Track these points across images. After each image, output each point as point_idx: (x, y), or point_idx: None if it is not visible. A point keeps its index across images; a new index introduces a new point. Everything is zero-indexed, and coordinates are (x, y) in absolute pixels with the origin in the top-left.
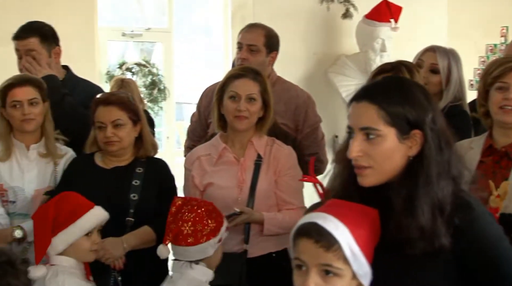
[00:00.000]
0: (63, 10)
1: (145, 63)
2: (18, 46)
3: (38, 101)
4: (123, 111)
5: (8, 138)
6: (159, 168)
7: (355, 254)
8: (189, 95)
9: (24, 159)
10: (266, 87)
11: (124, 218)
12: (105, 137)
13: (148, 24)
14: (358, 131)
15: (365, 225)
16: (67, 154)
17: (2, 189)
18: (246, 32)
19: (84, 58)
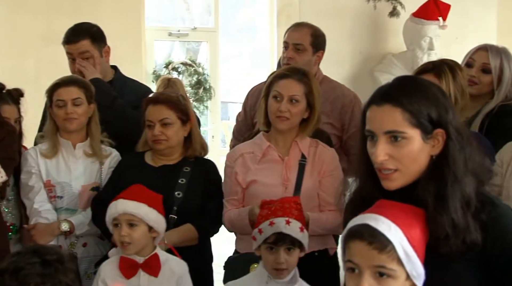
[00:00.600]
0: (111, 11)
1: (191, 63)
2: (70, 50)
3: (82, 102)
4: (171, 111)
5: (54, 137)
6: (207, 168)
7: (409, 254)
8: (234, 94)
9: (70, 156)
10: (312, 89)
11: (168, 214)
12: (153, 135)
13: (195, 23)
14: (382, 135)
15: (417, 225)
16: (112, 154)
17: (49, 185)
18: (292, 31)
19: (131, 58)
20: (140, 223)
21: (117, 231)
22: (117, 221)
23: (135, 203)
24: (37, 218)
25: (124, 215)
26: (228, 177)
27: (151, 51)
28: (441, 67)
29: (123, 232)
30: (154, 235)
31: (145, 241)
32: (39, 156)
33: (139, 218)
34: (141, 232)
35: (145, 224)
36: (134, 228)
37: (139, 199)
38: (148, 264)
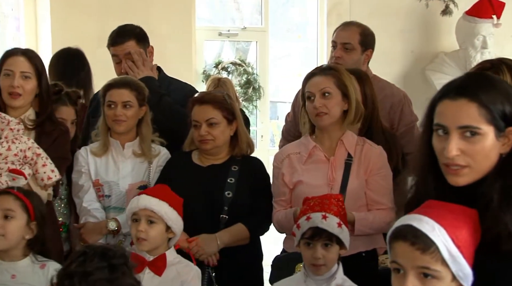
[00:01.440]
0: (162, 11)
1: (240, 63)
2: (116, 52)
3: (132, 105)
4: (217, 110)
5: (105, 136)
6: (254, 166)
7: (454, 255)
8: (283, 94)
9: (119, 155)
10: (342, 79)
11: (219, 215)
12: (200, 135)
13: (244, 23)
14: (455, 130)
15: (464, 225)
16: (160, 153)
17: (98, 184)
18: (340, 31)
19: (181, 58)
20: (159, 221)
21: (135, 226)
22: (136, 216)
23: (157, 200)
24: (87, 216)
25: (145, 211)
26: (275, 178)
27: (201, 51)
28: (500, 67)
29: (141, 228)
30: (170, 235)
31: (160, 240)
32: (89, 155)
33: (159, 215)
34: (158, 230)
35: (164, 223)
36: (152, 225)
37: (162, 197)
38: (155, 263)
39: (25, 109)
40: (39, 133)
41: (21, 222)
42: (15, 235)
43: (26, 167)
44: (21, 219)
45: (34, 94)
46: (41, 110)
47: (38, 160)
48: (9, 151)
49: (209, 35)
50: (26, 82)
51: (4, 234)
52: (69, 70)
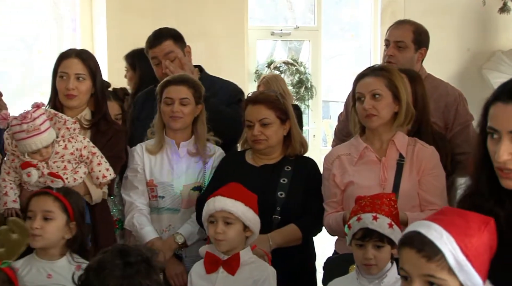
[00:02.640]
0: (215, 11)
1: (292, 62)
2: (154, 54)
3: (189, 102)
4: (270, 110)
5: (161, 134)
6: (308, 166)
7: (461, 264)
8: (336, 93)
9: (174, 155)
10: (393, 80)
11: (271, 215)
12: (253, 135)
13: (297, 22)
14: (507, 134)
15: (476, 234)
16: (216, 153)
17: (152, 184)
18: (394, 29)
19: (233, 57)
20: (236, 221)
21: (213, 227)
22: (213, 218)
23: (233, 201)
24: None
25: (221, 212)
26: (326, 179)
27: (253, 50)
28: None
29: (219, 229)
30: (248, 234)
31: (238, 240)
32: (144, 153)
33: (236, 216)
34: (236, 230)
35: (241, 223)
36: (229, 226)
37: (237, 197)
38: (229, 262)
39: (81, 109)
40: (95, 133)
41: (60, 222)
42: (54, 236)
43: (82, 166)
44: (60, 219)
45: (89, 94)
46: (96, 109)
47: (93, 158)
48: (65, 149)
49: (261, 35)
50: (80, 84)
51: (42, 235)
52: (142, 69)
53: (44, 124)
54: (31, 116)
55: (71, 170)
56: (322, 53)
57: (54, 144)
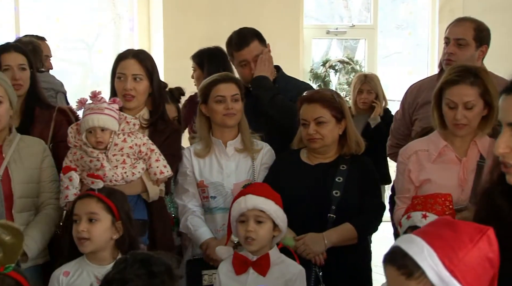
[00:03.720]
0: (270, 10)
1: (348, 61)
2: (243, 57)
3: (239, 99)
4: (326, 109)
5: (207, 136)
6: (363, 165)
7: (445, 280)
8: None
9: (222, 155)
10: (486, 87)
11: (326, 214)
12: (308, 134)
13: (353, 21)
14: (506, 127)
15: (466, 246)
16: (264, 148)
17: (203, 185)
18: (454, 26)
19: (289, 56)
20: (267, 220)
21: (243, 226)
22: (244, 217)
23: (264, 199)
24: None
25: (253, 211)
26: (400, 173)
27: (308, 49)
28: None
29: (250, 228)
30: (276, 233)
31: (268, 239)
32: (192, 156)
33: (267, 214)
34: (267, 229)
35: (271, 221)
36: (261, 224)
37: (268, 196)
38: (259, 263)
39: (140, 109)
40: (152, 132)
41: (106, 223)
42: (102, 238)
43: (140, 162)
44: (105, 220)
45: (147, 94)
46: (154, 109)
47: (151, 155)
48: (124, 142)
49: (316, 34)
50: (137, 84)
51: (90, 238)
52: (211, 68)
53: (108, 110)
54: (100, 98)
55: (130, 164)
56: (378, 52)
57: (113, 135)
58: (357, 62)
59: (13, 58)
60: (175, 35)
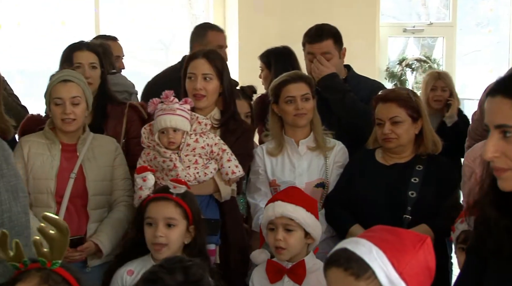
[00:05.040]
0: (345, 8)
1: (425, 59)
2: (312, 49)
3: (309, 97)
4: (401, 108)
5: (280, 135)
6: (441, 166)
7: (394, 282)
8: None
9: (294, 153)
10: None
11: (402, 214)
12: (383, 134)
13: (430, 19)
14: (494, 129)
15: (411, 251)
16: (337, 146)
17: (275, 184)
18: None
19: (364, 55)
20: (297, 228)
21: (272, 235)
22: (273, 225)
23: (293, 206)
24: (259, 214)
25: (282, 219)
26: (467, 177)
27: (385, 48)
28: None
29: (279, 236)
30: (309, 241)
31: (299, 248)
32: (265, 155)
33: (297, 222)
34: (297, 237)
35: (302, 229)
36: (290, 233)
37: (298, 202)
38: (294, 271)
39: (210, 109)
40: (224, 132)
41: (182, 228)
42: (178, 243)
43: (212, 162)
44: (182, 225)
45: (218, 94)
46: (225, 109)
47: (223, 155)
48: (196, 142)
49: (393, 32)
50: (207, 84)
51: (168, 243)
52: (278, 68)
53: (180, 111)
54: (172, 98)
55: (202, 164)
56: (456, 50)
57: (186, 135)
58: (434, 60)
59: (85, 56)
60: (249, 34)
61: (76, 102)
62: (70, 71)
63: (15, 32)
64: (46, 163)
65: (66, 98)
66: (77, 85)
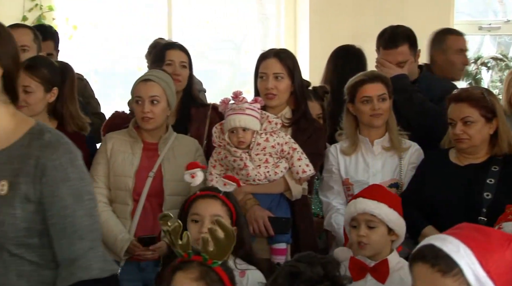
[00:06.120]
0: (418, 7)
1: (502, 57)
2: (387, 57)
3: (386, 98)
4: (474, 108)
5: (354, 134)
6: None
7: (481, 281)
8: None
9: (369, 153)
10: None
11: (476, 217)
12: (455, 134)
13: (508, 16)
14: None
15: (499, 250)
16: (412, 147)
17: (348, 183)
18: None
19: None
20: (380, 224)
21: (355, 231)
22: (355, 222)
23: (376, 203)
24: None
25: (364, 215)
26: None
27: None
28: None
29: (362, 233)
30: (393, 238)
31: (383, 244)
32: (338, 153)
33: (379, 218)
34: (380, 234)
35: (385, 226)
36: (373, 229)
37: (380, 199)
38: (377, 269)
39: (281, 108)
40: (295, 131)
41: None
42: None
43: (283, 161)
44: None
45: (289, 93)
46: (296, 108)
47: (294, 154)
48: (267, 142)
49: (468, 30)
50: (279, 83)
51: None
52: (347, 68)
53: (250, 110)
54: (242, 98)
55: (273, 164)
56: None
57: (256, 134)
58: (511, 59)
59: (177, 55)
60: (320, 34)
61: (155, 101)
62: (153, 71)
63: (91, 33)
64: (127, 161)
65: (145, 97)
66: (157, 85)
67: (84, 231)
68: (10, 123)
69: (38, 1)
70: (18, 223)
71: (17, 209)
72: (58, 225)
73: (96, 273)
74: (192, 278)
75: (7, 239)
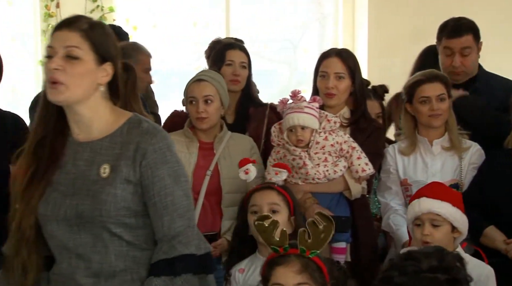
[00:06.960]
0: (479, 4)
1: None
2: (451, 44)
3: (445, 98)
4: None
5: (412, 134)
6: None
7: None
8: None
9: (428, 153)
10: None
11: None
12: None
13: None
14: None
15: None
16: (473, 148)
17: (406, 184)
18: None
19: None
20: (444, 223)
21: (419, 230)
22: (419, 221)
23: (439, 202)
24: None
25: (428, 214)
26: None
27: None
28: None
29: (426, 232)
30: (456, 235)
31: (446, 242)
32: (396, 154)
33: (444, 217)
34: (444, 232)
35: (449, 224)
36: (437, 228)
37: (443, 198)
38: None
39: (340, 107)
40: (354, 130)
41: (285, 216)
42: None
43: (342, 160)
44: (284, 213)
45: (348, 93)
46: (355, 108)
47: (353, 152)
48: (326, 140)
49: None
50: (340, 82)
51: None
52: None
53: (308, 109)
54: (300, 97)
55: (332, 162)
56: None
57: (315, 133)
58: None
59: (237, 55)
60: (379, 32)
61: (208, 101)
62: (205, 71)
63: (151, 34)
64: (184, 160)
65: (199, 97)
66: (210, 85)
67: (183, 210)
68: (110, 116)
69: (99, 3)
70: (119, 201)
71: (118, 189)
72: (159, 203)
73: (194, 249)
74: (294, 271)
75: (109, 217)
